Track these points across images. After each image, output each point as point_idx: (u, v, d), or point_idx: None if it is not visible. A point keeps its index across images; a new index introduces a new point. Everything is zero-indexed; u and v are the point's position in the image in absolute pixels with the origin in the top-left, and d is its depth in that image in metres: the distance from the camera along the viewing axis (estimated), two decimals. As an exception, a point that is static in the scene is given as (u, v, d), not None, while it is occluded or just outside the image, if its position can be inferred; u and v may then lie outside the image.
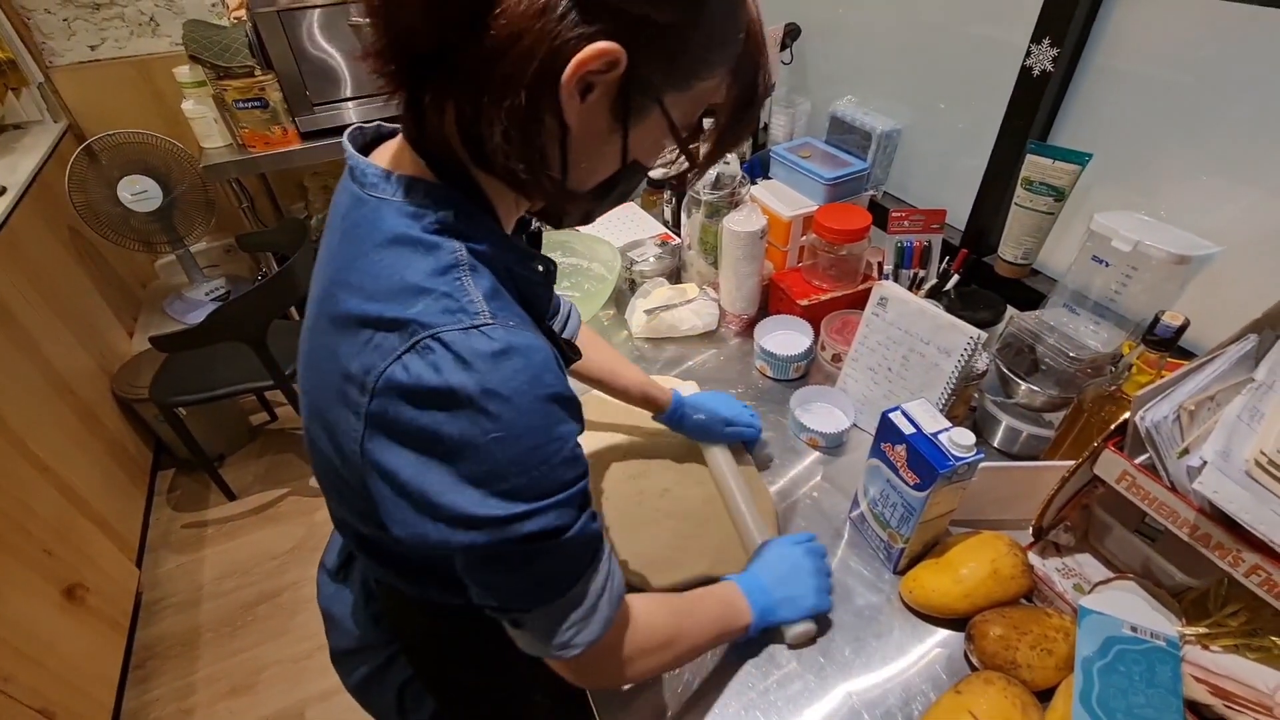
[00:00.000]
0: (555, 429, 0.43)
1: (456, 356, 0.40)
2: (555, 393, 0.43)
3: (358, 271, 0.44)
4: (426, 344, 0.40)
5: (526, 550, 0.43)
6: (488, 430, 0.40)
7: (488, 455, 0.40)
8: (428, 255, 0.43)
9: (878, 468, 0.72)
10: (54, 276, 1.89)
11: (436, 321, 0.40)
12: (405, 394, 0.40)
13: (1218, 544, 0.55)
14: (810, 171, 1.08)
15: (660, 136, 0.45)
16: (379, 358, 0.41)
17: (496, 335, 0.41)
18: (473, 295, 0.42)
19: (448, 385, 0.39)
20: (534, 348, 0.42)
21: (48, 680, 1.32)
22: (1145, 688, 0.56)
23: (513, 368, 0.41)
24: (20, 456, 1.45)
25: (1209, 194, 0.75)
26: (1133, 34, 0.77)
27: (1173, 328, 0.65)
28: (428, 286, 0.42)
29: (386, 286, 0.42)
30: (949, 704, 0.59)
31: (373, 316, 0.42)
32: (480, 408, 0.40)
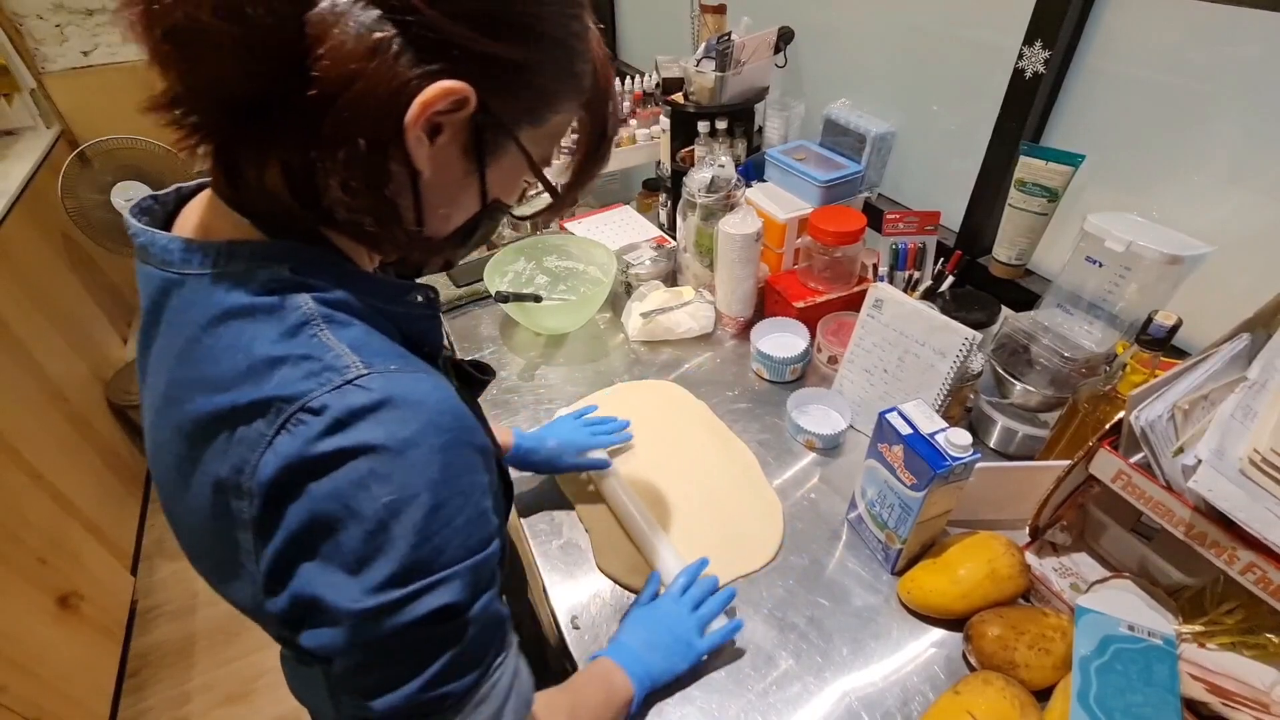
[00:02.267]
0: (459, 481, 0.38)
1: (332, 421, 0.34)
2: (455, 439, 0.38)
3: (194, 363, 0.38)
4: (297, 418, 0.35)
5: (419, 636, 0.37)
6: (378, 496, 0.34)
7: (378, 528, 0.35)
8: (271, 319, 0.37)
9: (875, 469, 0.72)
10: (47, 283, 1.88)
11: (301, 390, 0.35)
12: (283, 484, 0.35)
13: (1213, 542, 0.55)
14: (805, 174, 1.09)
15: (519, 173, 0.44)
16: (247, 451, 0.35)
17: (374, 385, 0.36)
18: (336, 349, 0.37)
19: (322, 455, 0.34)
20: (423, 391, 0.38)
21: (41, 690, 1.31)
22: (1143, 686, 0.56)
23: (399, 418, 0.36)
24: (13, 465, 1.44)
25: (1201, 194, 0.76)
26: (1124, 36, 0.78)
27: (1166, 327, 0.66)
28: (280, 354, 0.36)
29: (233, 369, 0.36)
30: (947, 704, 0.59)
31: (227, 408, 0.36)
32: (368, 470, 0.34)
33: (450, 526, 0.37)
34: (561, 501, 0.86)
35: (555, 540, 0.81)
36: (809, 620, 0.71)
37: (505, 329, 1.17)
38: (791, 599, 0.73)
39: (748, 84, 1.19)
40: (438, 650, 0.38)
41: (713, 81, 1.15)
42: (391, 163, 0.36)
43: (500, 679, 0.42)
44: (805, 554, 0.78)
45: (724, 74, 1.14)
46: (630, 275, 1.18)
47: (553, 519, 0.84)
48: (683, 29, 1.52)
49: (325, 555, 0.35)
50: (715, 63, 1.14)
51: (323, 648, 0.37)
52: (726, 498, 0.84)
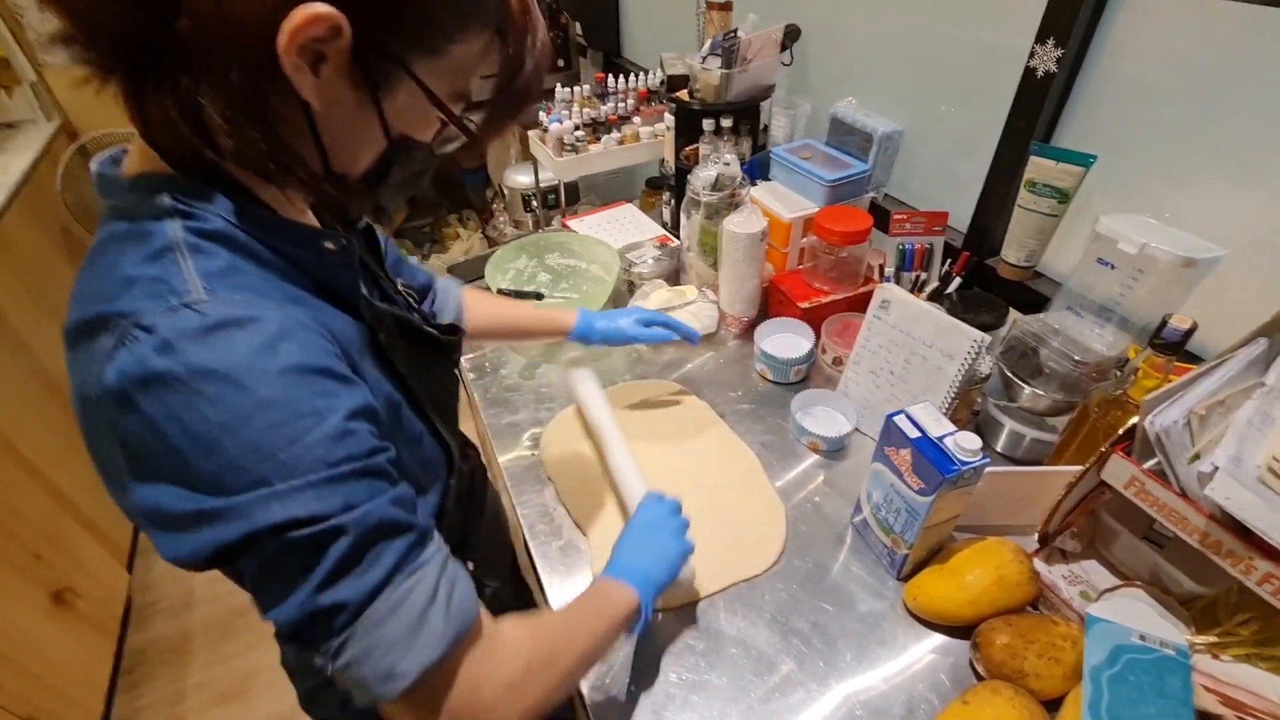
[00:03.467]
0: (305, 402, 0.37)
1: (162, 342, 0.35)
2: (299, 363, 0.37)
3: (80, 282, 0.40)
4: (133, 334, 0.35)
5: (284, 545, 0.36)
6: (208, 417, 0.35)
7: (216, 446, 0.35)
8: (140, 243, 0.38)
9: (881, 472, 0.70)
10: (45, 277, 1.87)
11: (140, 307, 0.36)
12: (118, 397, 0.35)
13: (1229, 551, 0.54)
14: (811, 173, 1.07)
15: (423, 107, 0.41)
16: (94, 364, 0.36)
17: (210, 310, 0.36)
18: (186, 274, 0.37)
19: (151, 372, 0.35)
20: (264, 319, 0.37)
21: (35, 686, 1.30)
22: (1156, 698, 0.55)
23: (229, 341, 0.36)
24: (8, 459, 1.43)
25: (1214, 197, 0.74)
26: (1137, 37, 0.76)
27: (1180, 331, 0.64)
28: (136, 274, 0.37)
29: (101, 286, 0.38)
30: (956, 714, 0.58)
31: (87, 320, 0.38)
32: (193, 391, 0.35)
33: (298, 443, 0.36)
34: (560, 503, 0.85)
35: (555, 541, 0.80)
36: (812, 625, 0.70)
37: (506, 327, 1.16)
38: (795, 603, 0.72)
39: (753, 82, 1.18)
40: (312, 560, 0.37)
41: (718, 79, 1.14)
42: (274, 95, 0.36)
43: (414, 590, 0.40)
44: (809, 558, 0.77)
45: (730, 71, 1.13)
46: (633, 274, 1.17)
47: (553, 520, 0.83)
48: (688, 26, 1.51)
49: (162, 470, 0.36)
50: (721, 60, 1.13)
51: (179, 560, 0.37)
52: (728, 500, 0.83)
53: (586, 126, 1.45)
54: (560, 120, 1.44)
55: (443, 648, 0.40)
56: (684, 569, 0.66)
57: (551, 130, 1.43)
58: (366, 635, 0.38)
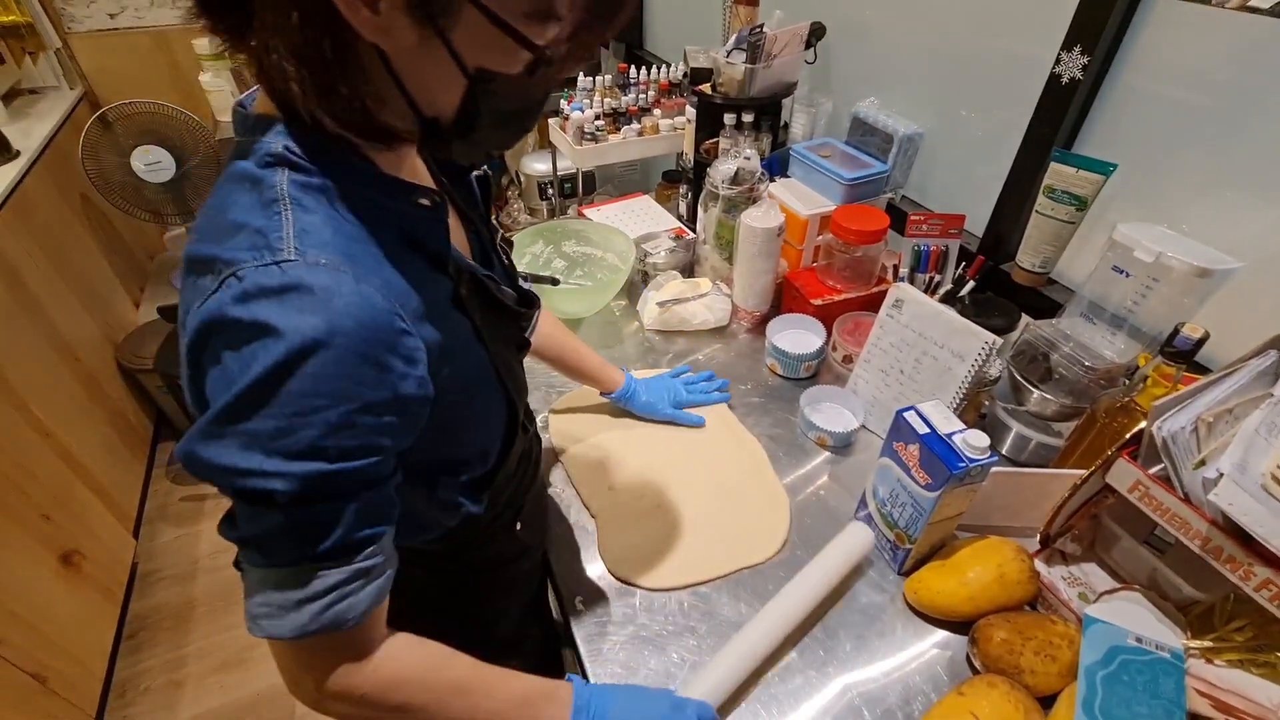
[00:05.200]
0: (334, 383, 0.38)
1: (242, 292, 0.37)
2: (348, 343, 0.38)
3: (202, 216, 0.42)
4: (229, 281, 0.38)
5: (239, 492, 0.40)
6: (253, 369, 0.37)
7: (247, 393, 0.37)
8: (252, 190, 0.40)
9: (888, 467, 0.71)
10: (64, 243, 1.89)
11: (240, 258, 0.38)
12: (201, 334, 0.38)
13: (1229, 557, 0.55)
14: (829, 171, 1.08)
15: (494, 34, 0.38)
16: (194, 299, 0.39)
17: (292, 271, 0.37)
18: (285, 230, 0.39)
19: (225, 317, 0.37)
20: (339, 290, 0.38)
21: (41, 644, 1.33)
22: (1148, 699, 0.56)
23: (300, 305, 0.37)
24: (23, 420, 1.45)
25: (1234, 210, 0.75)
26: (1163, 46, 0.77)
27: (1192, 340, 0.65)
28: (244, 222, 0.39)
29: (214, 225, 0.40)
30: (951, 704, 0.59)
31: (196, 257, 0.40)
32: (258, 345, 0.37)
33: (309, 420, 0.38)
34: (569, 484, 0.86)
35: (563, 522, 0.81)
36: (813, 615, 0.71)
37: (520, 311, 1.17)
38: (797, 593, 0.73)
39: (777, 78, 1.18)
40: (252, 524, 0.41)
41: (742, 73, 1.15)
42: (338, 39, 0.37)
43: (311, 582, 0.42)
44: (813, 549, 0.77)
45: (754, 66, 1.14)
46: (648, 264, 1.18)
47: (561, 500, 0.84)
48: (713, 19, 1.51)
49: (208, 403, 0.39)
50: (746, 55, 1.13)
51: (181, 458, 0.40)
52: (735, 489, 0.84)
53: (607, 116, 1.46)
54: (581, 109, 1.44)
55: (293, 633, 0.43)
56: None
57: (572, 118, 1.44)
58: (255, 585, 0.43)
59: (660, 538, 0.78)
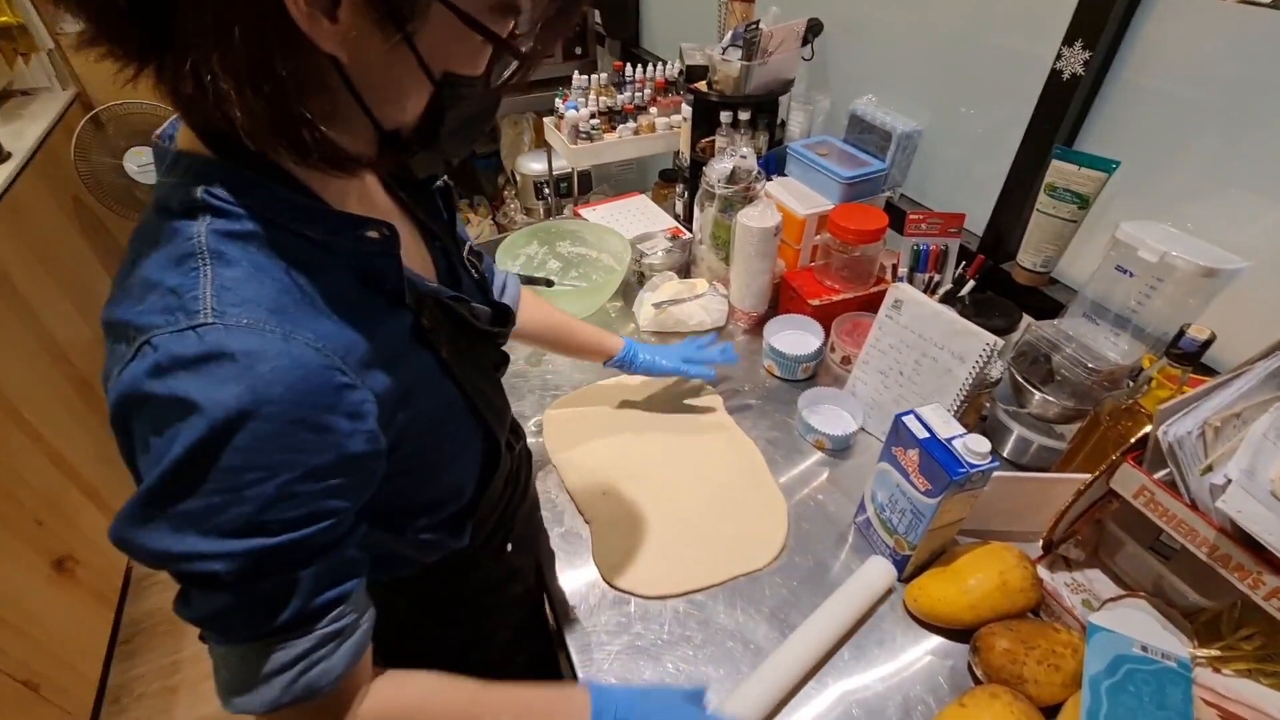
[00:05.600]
0: (265, 456, 0.35)
1: (156, 365, 0.34)
2: (281, 411, 0.35)
3: (120, 270, 0.39)
4: (143, 350, 0.35)
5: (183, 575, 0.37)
6: (178, 442, 0.34)
7: (173, 474, 0.35)
8: (168, 243, 0.37)
9: (887, 472, 0.70)
10: (56, 245, 1.87)
11: (153, 323, 0.35)
12: (120, 409, 0.36)
13: (1237, 565, 0.53)
14: (827, 170, 1.07)
15: (461, 34, 0.36)
16: (113, 366, 0.37)
17: (210, 337, 0.34)
18: (201, 290, 0.35)
19: (140, 393, 0.35)
20: (265, 354, 0.35)
21: (34, 651, 1.31)
22: (1155, 709, 0.55)
23: (220, 375, 0.34)
24: (14, 424, 1.44)
25: (1239, 208, 0.73)
26: (1166, 42, 0.75)
27: (1198, 342, 0.64)
28: (157, 280, 0.36)
29: (129, 284, 0.37)
30: (953, 715, 0.58)
31: (111, 322, 0.37)
32: (177, 419, 0.34)
33: (241, 496, 0.35)
34: (563, 489, 0.84)
35: (557, 528, 0.80)
36: (812, 624, 0.70)
37: (514, 313, 1.15)
38: (795, 600, 0.72)
39: (773, 75, 1.16)
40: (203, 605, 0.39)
41: (738, 71, 1.13)
42: (288, 55, 0.33)
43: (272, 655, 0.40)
44: (810, 555, 0.77)
45: (750, 64, 1.12)
46: (644, 265, 1.16)
47: (554, 506, 0.83)
48: (709, 16, 1.50)
49: (139, 481, 0.37)
50: (741, 52, 1.12)
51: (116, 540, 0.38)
52: (731, 494, 0.83)
53: (602, 115, 1.45)
54: (576, 108, 1.43)
55: (267, 709, 0.40)
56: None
57: (567, 117, 1.42)
58: (220, 661, 0.41)
59: (655, 544, 0.77)
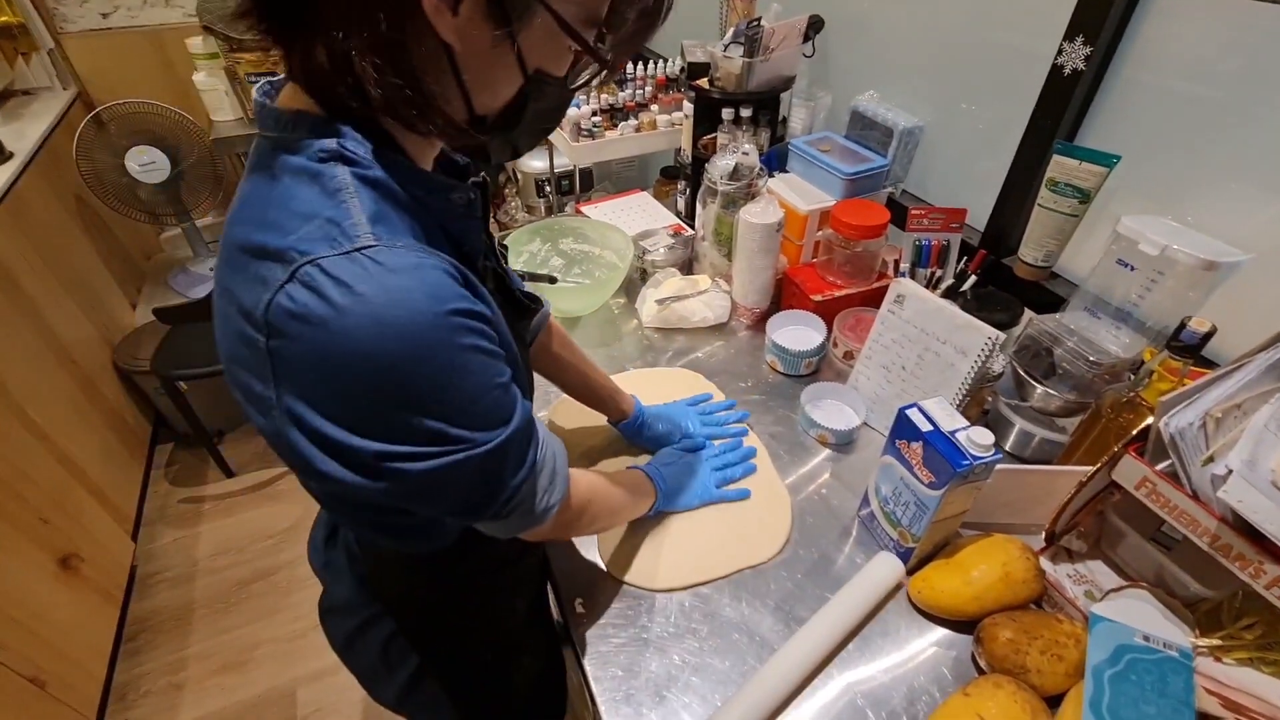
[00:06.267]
0: (457, 347, 0.41)
1: (337, 282, 0.38)
2: (457, 308, 0.41)
3: (249, 206, 0.43)
4: (306, 272, 0.38)
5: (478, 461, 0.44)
6: (384, 357, 0.38)
7: (392, 384, 0.39)
8: (313, 182, 0.41)
9: (891, 465, 0.71)
10: (59, 244, 1.88)
11: (315, 249, 0.39)
12: (295, 327, 0.38)
13: (1239, 555, 0.54)
14: (829, 166, 1.07)
15: (557, 39, 0.42)
16: (264, 290, 0.39)
17: (381, 257, 0.39)
18: (355, 219, 0.40)
19: (336, 314, 0.38)
20: (423, 265, 0.41)
21: (40, 648, 1.32)
22: (1157, 698, 0.55)
23: (401, 287, 0.39)
24: (19, 423, 1.44)
25: (1239, 201, 0.74)
26: (1167, 36, 0.76)
27: (1199, 334, 0.64)
28: (310, 212, 0.40)
29: (273, 216, 0.41)
30: (957, 705, 0.58)
31: (257, 245, 0.41)
32: (374, 334, 0.38)
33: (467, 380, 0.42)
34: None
35: (562, 523, 0.81)
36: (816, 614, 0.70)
37: (518, 309, 1.16)
38: (800, 593, 0.72)
39: (775, 72, 1.17)
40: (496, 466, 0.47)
41: (740, 67, 1.14)
42: (417, 40, 0.38)
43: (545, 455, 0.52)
44: (815, 548, 0.77)
45: (751, 60, 1.12)
46: (646, 262, 1.17)
47: (560, 501, 0.83)
48: (711, 13, 1.50)
49: (329, 401, 0.40)
50: (743, 49, 1.12)
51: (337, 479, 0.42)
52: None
53: (604, 112, 1.45)
54: (578, 105, 1.43)
55: (566, 484, 0.56)
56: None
57: (568, 115, 1.43)
58: (536, 492, 0.51)
59: (660, 538, 0.77)
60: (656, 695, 0.64)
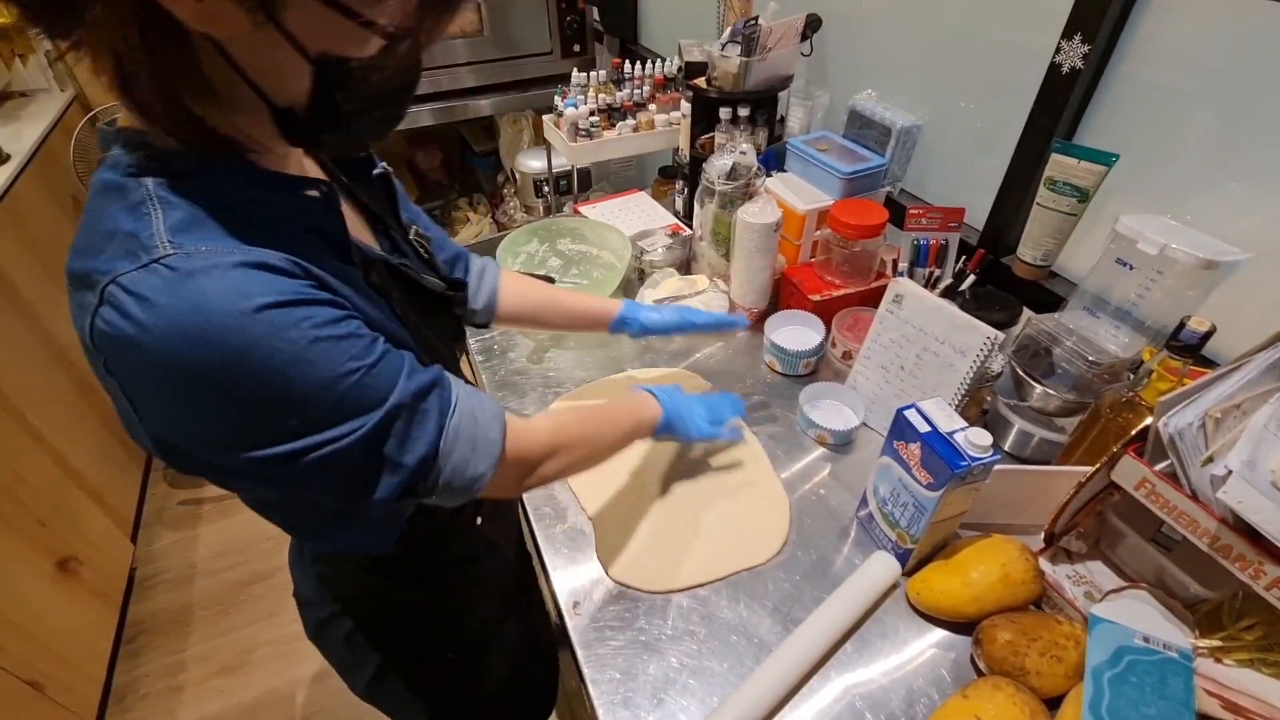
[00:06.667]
0: (283, 340, 0.39)
1: (137, 297, 0.37)
2: (272, 301, 0.39)
3: (78, 230, 0.42)
4: (110, 292, 0.37)
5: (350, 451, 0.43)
6: (201, 365, 0.37)
7: (224, 403, 0.39)
8: (120, 196, 0.40)
9: (889, 466, 0.70)
10: (56, 246, 1.87)
11: (116, 266, 0.38)
12: (113, 349, 0.38)
13: (1239, 555, 0.53)
14: (827, 165, 1.07)
15: (329, 14, 0.37)
16: (85, 316, 0.39)
17: (178, 263, 0.37)
18: (155, 229, 0.38)
19: (140, 330, 0.36)
20: (222, 265, 0.38)
21: (38, 651, 1.32)
22: (1157, 699, 0.55)
23: (199, 290, 0.37)
24: (16, 426, 1.44)
25: (1238, 200, 0.73)
26: (1166, 34, 0.75)
27: (1198, 334, 0.64)
28: (113, 229, 0.39)
29: (87, 239, 0.40)
30: (955, 707, 0.58)
31: (74, 272, 0.40)
32: (183, 344, 0.37)
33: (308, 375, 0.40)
34: (566, 486, 0.85)
35: (559, 525, 0.80)
36: (815, 616, 0.70)
37: (515, 310, 1.15)
38: (798, 594, 0.72)
39: (772, 71, 1.16)
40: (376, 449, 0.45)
41: (737, 67, 1.13)
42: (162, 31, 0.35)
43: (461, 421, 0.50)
44: (813, 550, 0.77)
45: (749, 59, 1.12)
46: (644, 262, 1.16)
47: (557, 504, 0.83)
48: (708, 12, 1.50)
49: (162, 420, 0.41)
50: (741, 48, 1.12)
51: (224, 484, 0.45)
52: (733, 489, 0.83)
53: (602, 112, 1.45)
54: (575, 105, 1.43)
55: (499, 448, 0.52)
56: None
57: (566, 115, 1.42)
58: (448, 467, 0.49)
59: (658, 540, 0.77)
60: (654, 698, 0.64)
